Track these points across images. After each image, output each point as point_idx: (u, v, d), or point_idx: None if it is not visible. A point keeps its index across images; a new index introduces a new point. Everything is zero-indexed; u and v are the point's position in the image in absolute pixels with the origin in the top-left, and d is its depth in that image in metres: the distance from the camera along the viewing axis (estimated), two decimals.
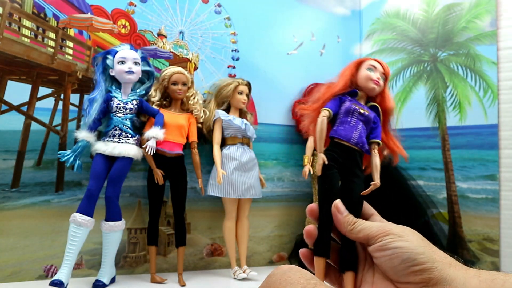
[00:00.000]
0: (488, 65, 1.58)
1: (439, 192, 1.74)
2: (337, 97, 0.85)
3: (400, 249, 0.51)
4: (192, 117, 1.62)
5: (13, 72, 1.47)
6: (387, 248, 0.53)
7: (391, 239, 0.53)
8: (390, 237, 0.54)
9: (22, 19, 1.47)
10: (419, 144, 1.85)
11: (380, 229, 0.56)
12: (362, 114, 0.84)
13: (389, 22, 1.99)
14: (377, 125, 0.87)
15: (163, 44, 1.74)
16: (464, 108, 1.67)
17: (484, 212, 1.57)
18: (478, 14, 1.63)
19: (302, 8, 2.02)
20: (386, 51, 2.00)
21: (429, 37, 1.82)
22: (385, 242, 0.54)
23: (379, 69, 0.87)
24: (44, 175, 1.51)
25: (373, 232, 0.56)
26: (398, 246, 0.52)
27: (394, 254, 0.52)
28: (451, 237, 1.68)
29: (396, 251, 0.52)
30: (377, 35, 2.05)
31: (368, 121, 0.85)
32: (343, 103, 0.84)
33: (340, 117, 0.84)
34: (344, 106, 0.84)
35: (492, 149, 1.56)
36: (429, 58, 1.82)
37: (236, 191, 1.61)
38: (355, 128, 0.82)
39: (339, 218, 0.64)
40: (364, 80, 0.85)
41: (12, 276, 1.43)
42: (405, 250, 0.51)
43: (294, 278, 0.45)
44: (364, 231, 0.58)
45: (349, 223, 0.61)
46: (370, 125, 0.85)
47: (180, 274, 1.51)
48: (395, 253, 0.52)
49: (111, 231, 1.40)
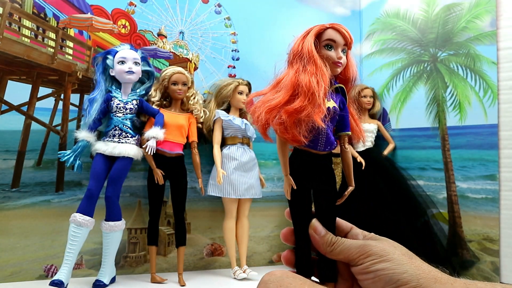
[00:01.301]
0: (488, 65, 1.58)
1: (439, 192, 1.74)
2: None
3: (381, 272, 0.50)
4: (192, 117, 1.62)
5: (13, 72, 1.47)
6: (369, 272, 0.51)
7: (372, 261, 0.52)
8: (371, 258, 0.52)
9: (22, 19, 1.47)
10: (419, 144, 1.85)
11: (360, 250, 0.54)
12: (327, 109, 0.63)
13: (389, 22, 1.99)
14: (344, 111, 0.67)
15: (163, 44, 1.74)
16: (464, 108, 1.67)
17: (484, 212, 1.57)
18: (478, 14, 1.63)
19: (302, 8, 2.02)
20: (386, 51, 2.00)
21: (429, 37, 1.82)
22: (365, 265, 0.52)
23: (339, 42, 0.65)
24: (44, 175, 1.51)
25: (352, 254, 0.54)
26: (379, 268, 0.50)
27: (377, 277, 0.50)
28: (451, 237, 1.68)
29: (378, 274, 0.50)
30: (377, 35, 2.05)
31: (335, 114, 0.65)
32: None
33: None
34: None
35: (492, 149, 1.56)
36: (429, 58, 1.82)
37: (236, 191, 1.61)
38: (319, 131, 0.63)
39: (317, 240, 0.60)
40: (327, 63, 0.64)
41: (12, 276, 1.43)
42: (386, 271, 0.50)
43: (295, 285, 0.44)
44: (344, 253, 0.56)
45: (328, 244, 0.58)
46: (337, 116, 0.66)
47: (180, 274, 1.51)
48: (377, 276, 0.50)
49: (111, 231, 1.40)
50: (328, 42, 0.64)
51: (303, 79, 0.62)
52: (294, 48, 0.67)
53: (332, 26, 0.65)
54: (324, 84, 0.61)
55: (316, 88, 0.60)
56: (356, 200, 1.70)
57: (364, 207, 1.71)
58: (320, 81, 0.61)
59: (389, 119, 1.99)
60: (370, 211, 1.71)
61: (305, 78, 0.61)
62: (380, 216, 1.70)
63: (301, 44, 0.65)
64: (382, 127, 1.97)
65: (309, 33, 0.65)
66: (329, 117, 0.63)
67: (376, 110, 1.99)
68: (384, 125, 1.98)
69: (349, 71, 0.68)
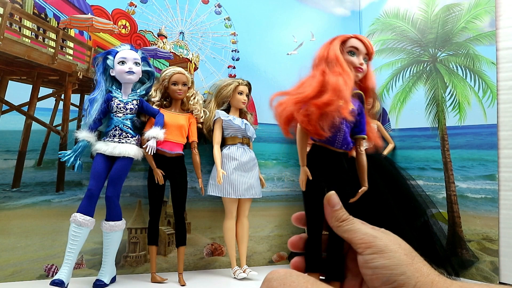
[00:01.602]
0: (488, 65, 1.59)
1: (438, 192, 1.75)
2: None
3: (380, 270, 0.50)
4: (192, 117, 1.62)
5: (14, 72, 1.48)
6: (368, 267, 0.51)
7: (372, 255, 0.51)
8: (371, 251, 0.52)
9: (23, 19, 1.47)
10: (418, 144, 1.86)
11: (364, 238, 0.54)
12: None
13: (389, 23, 1.99)
14: (361, 116, 0.74)
15: (163, 44, 1.74)
16: (463, 108, 1.67)
17: (483, 212, 1.58)
18: (477, 15, 1.63)
19: (302, 8, 2.02)
20: (385, 51, 2.00)
21: (428, 37, 1.82)
22: (366, 259, 0.52)
23: (361, 50, 0.73)
24: (45, 175, 1.52)
25: (356, 238, 0.54)
26: (378, 266, 0.50)
27: (374, 275, 0.50)
28: (451, 237, 1.68)
29: (376, 272, 0.50)
30: (377, 35, 2.05)
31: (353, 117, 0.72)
32: None
33: None
34: None
35: (492, 149, 1.56)
36: (429, 58, 1.82)
37: (236, 191, 1.62)
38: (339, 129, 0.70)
39: (328, 212, 0.61)
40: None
41: (13, 276, 1.43)
42: (385, 271, 0.49)
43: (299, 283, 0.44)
44: (350, 233, 0.56)
45: (337, 219, 0.59)
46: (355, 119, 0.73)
47: (180, 274, 1.52)
48: (375, 274, 0.50)
49: (112, 231, 1.40)
50: (351, 49, 0.72)
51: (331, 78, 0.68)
52: (320, 54, 0.73)
53: (355, 36, 0.73)
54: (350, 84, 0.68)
55: (343, 87, 0.66)
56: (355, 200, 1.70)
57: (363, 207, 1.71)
58: (347, 81, 0.67)
59: (389, 119, 1.99)
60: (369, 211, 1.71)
61: (333, 78, 0.68)
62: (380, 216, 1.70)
63: (327, 50, 0.72)
64: (381, 127, 1.97)
65: (335, 40, 0.73)
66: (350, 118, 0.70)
67: (375, 110, 1.99)
68: (383, 125, 1.98)
69: (369, 81, 0.75)
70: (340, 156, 0.72)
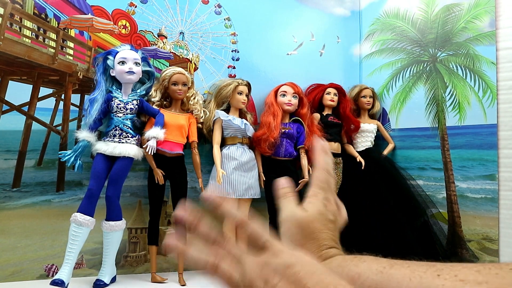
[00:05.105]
0: (487, 65, 1.59)
1: (438, 192, 1.75)
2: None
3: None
4: (192, 117, 1.62)
5: (14, 72, 1.48)
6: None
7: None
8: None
9: (23, 19, 1.48)
10: (418, 144, 1.86)
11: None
12: (284, 133, 1.51)
13: (389, 23, 1.99)
14: (300, 133, 1.44)
15: (163, 44, 1.75)
16: (463, 108, 1.67)
17: (483, 211, 1.58)
18: (477, 15, 1.63)
19: (302, 8, 2.03)
20: (385, 51, 2.00)
21: (428, 37, 1.82)
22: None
23: (289, 92, 1.47)
24: (45, 175, 1.52)
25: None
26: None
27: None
28: (451, 237, 1.68)
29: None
30: (377, 35, 2.05)
31: (292, 136, 1.43)
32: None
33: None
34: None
35: (491, 149, 1.56)
36: (429, 58, 1.82)
37: (235, 191, 1.62)
38: (280, 145, 1.49)
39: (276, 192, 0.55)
40: (282, 105, 1.53)
41: (13, 276, 1.43)
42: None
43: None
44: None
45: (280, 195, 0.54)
46: (295, 137, 1.43)
47: (180, 274, 1.52)
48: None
49: (112, 230, 1.40)
50: (282, 92, 1.34)
51: (264, 118, 1.52)
52: (265, 101, 1.64)
53: (286, 84, 1.39)
54: (278, 118, 1.46)
55: (272, 123, 1.41)
56: (355, 200, 1.70)
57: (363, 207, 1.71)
58: (276, 117, 1.46)
59: (389, 119, 1.99)
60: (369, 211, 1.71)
61: (266, 118, 1.53)
62: (380, 216, 1.70)
63: (268, 97, 1.56)
64: (381, 127, 1.97)
65: (272, 90, 1.49)
66: (285, 137, 1.51)
67: (375, 110, 1.99)
68: (383, 125, 1.98)
69: (301, 109, 1.46)
70: (285, 162, 1.31)
